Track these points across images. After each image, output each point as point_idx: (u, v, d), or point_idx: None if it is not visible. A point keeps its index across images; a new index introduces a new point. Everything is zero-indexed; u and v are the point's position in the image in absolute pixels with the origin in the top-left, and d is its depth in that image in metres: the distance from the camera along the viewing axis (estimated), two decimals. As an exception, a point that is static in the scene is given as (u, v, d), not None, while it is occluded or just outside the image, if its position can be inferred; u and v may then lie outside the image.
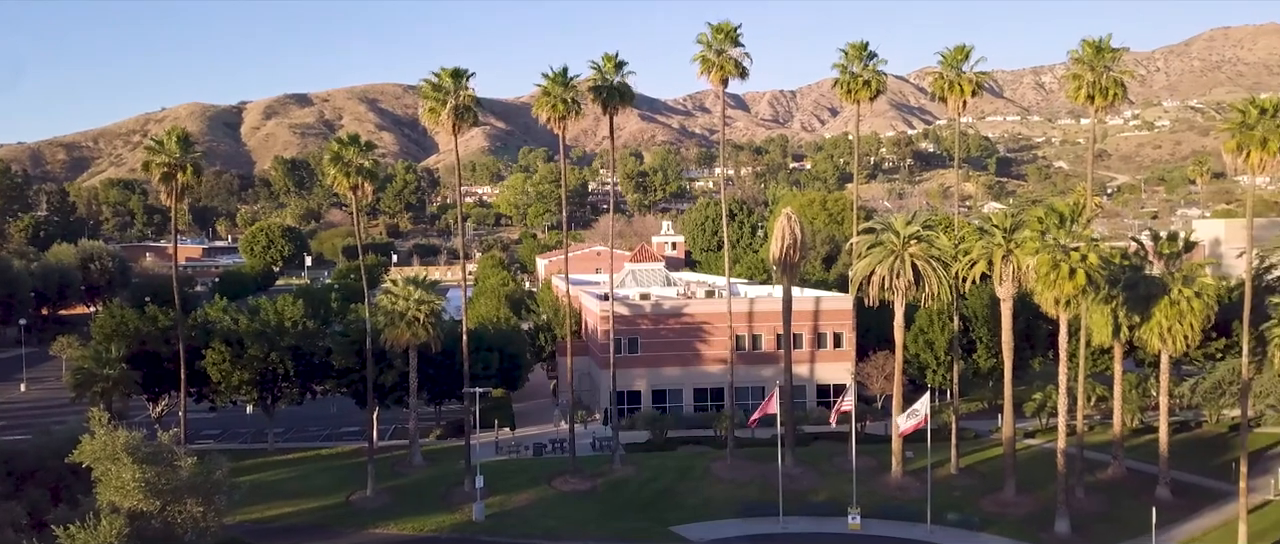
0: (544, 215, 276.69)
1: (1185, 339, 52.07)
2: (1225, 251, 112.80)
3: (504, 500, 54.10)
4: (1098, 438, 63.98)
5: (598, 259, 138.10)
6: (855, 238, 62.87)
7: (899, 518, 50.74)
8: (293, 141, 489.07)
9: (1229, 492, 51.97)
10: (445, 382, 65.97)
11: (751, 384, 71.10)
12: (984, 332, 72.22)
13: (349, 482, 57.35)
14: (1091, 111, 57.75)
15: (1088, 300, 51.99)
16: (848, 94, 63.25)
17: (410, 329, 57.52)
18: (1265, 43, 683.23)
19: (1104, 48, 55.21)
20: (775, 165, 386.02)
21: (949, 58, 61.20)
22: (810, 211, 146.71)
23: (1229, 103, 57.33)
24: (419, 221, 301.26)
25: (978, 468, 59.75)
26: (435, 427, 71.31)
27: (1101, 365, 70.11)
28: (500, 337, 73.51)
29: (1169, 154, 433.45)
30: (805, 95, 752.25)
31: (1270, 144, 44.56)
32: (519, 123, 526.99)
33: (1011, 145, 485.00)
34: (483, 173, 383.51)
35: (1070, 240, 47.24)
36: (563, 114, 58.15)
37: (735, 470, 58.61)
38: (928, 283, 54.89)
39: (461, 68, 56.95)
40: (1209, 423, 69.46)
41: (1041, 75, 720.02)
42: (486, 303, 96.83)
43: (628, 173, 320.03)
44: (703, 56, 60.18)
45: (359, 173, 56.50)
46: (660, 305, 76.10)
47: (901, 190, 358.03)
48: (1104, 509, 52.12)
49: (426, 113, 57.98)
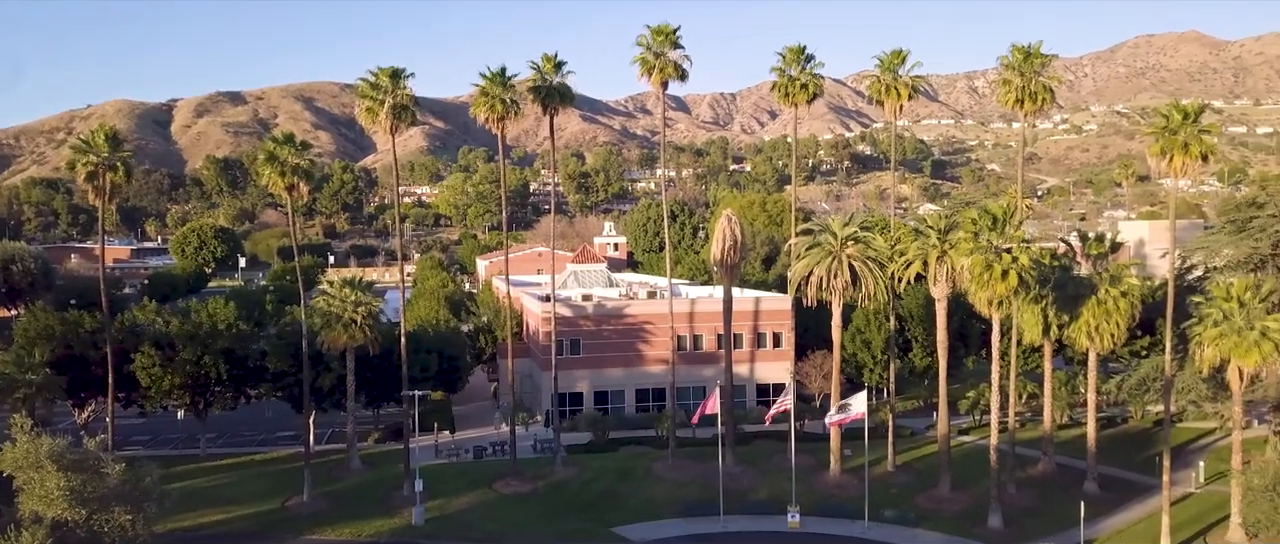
0: (484, 216, 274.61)
1: (1112, 337, 53.59)
2: (1149, 252, 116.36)
3: (444, 504, 53.60)
4: (1029, 434, 65.58)
5: (539, 260, 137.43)
6: (794, 239, 63.57)
7: (837, 515, 51.44)
8: (226, 140, 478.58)
9: (1153, 485, 53.63)
10: (383, 384, 65.14)
11: (693, 384, 71.48)
12: (919, 331, 73.58)
13: (285, 487, 56.30)
14: (1022, 116, 59.18)
15: (1019, 300, 53.24)
16: (786, 97, 63.95)
17: (347, 331, 56.70)
18: (1186, 51, 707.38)
19: (1033, 54, 56.62)
20: (716, 167, 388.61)
21: (886, 62, 62.24)
22: (750, 213, 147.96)
23: (1153, 108, 59.27)
24: (356, 222, 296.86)
25: (914, 465, 60.82)
26: (373, 430, 70.39)
27: (1032, 363, 71.91)
28: (440, 338, 72.81)
29: (1096, 157, 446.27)
30: (745, 98, 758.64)
31: (1192, 148, 46.10)
32: (458, 122, 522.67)
33: (946, 148, 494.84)
34: (422, 173, 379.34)
35: (1002, 242, 48.32)
36: (501, 114, 57.85)
37: (677, 470, 58.86)
38: (864, 283, 55.75)
39: (399, 67, 56.39)
40: (1134, 419, 71.63)
41: (975, 80, 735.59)
42: (426, 304, 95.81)
43: (569, 173, 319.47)
44: (642, 58, 60.33)
45: (295, 172, 55.52)
46: (602, 306, 76.10)
47: (839, 192, 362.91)
48: (1035, 504, 53.41)
49: (363, 112, 57.19)
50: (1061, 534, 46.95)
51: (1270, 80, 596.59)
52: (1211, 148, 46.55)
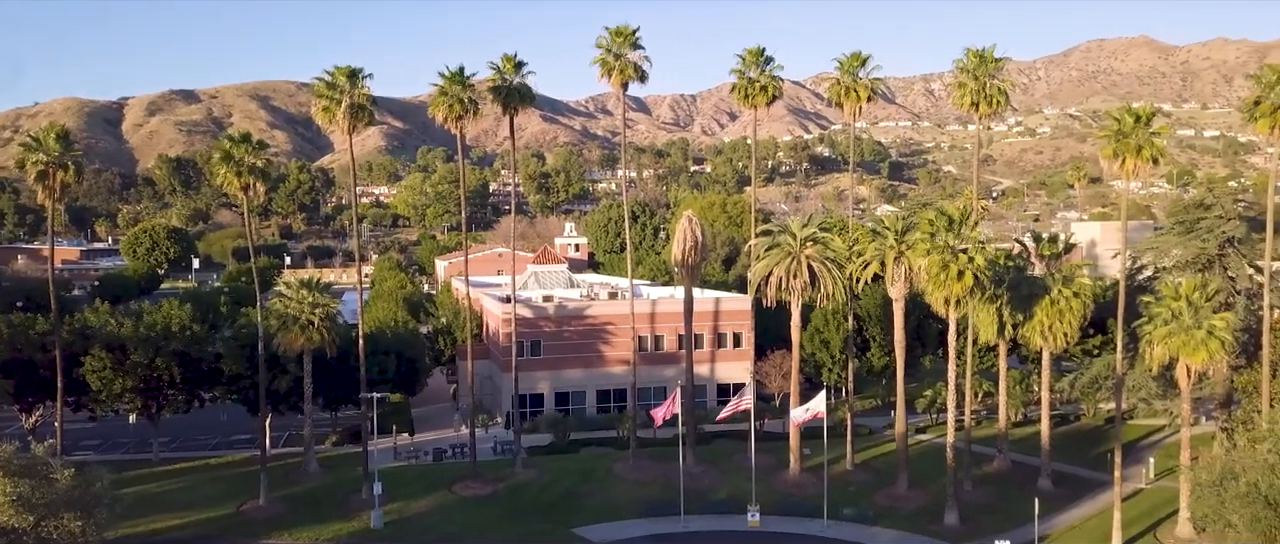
0: (443, 216, 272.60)
1: (1065, 336, 54.53)
2: (1101, 253, 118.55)
3: (403, 507, 53.16)
4: (985, 432, 66.51)
5: (499, 261, 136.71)
6: (754, 240, 63.93)
7: (797, 514, 51.81)
8: (178, 139, 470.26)
9: (1105, 481, 54.65)
10: (341, 387, 64.41)
11: (654, 384, 71.55)
12: (877, 331, 74.33)
13: (240, 491, 55.50)
14: (977, 118, 60.13)
15: (975, 300, 53.98)
16: (745, 99, 64.33)
17: (304, 333, 56.05)
18: (1137, 55, 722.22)
19: (987, 58, 57.53)
20: (677, 168, 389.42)
21: (846, 64, 62.87)
22: (710, 214, 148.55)
23: (1105, 111, 60.41)
24: (313, 223, 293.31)
25: (872, 463, 61.41)
26: (331, 433, 69.62)
27: (988, 362, 72.93)
28: (398, 340, 72.23)
29: (1050, 159, 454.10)
30: (705, 99, 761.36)
31: (1143, 151, 47.06)
32: (417, 122, 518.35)
33: (903, 150, 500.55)
34: (380, 173, 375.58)
35: (959, 243, 48.97)
36: (460, 114, 57.52)
37: (638, 471, 58.91)
38: (823, 283, 56.22)
39: (357, 67, 55.81)
40: (1087, 416, 72.94)
41: (931, 83, 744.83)
42: (384, 306, 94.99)
43: (530, 174, 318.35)
44: (602, 59, 60.37)
45: (251, 172, 54.76)
46: (563, 307, 75.95)
47: (798, 193, 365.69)
48: (990, 501, 54.19)
49: (320, 112, 56.54)
50: (1016, 530, 47.64)
51: (1217, 85, 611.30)
52: (1162, 151, 47.59)
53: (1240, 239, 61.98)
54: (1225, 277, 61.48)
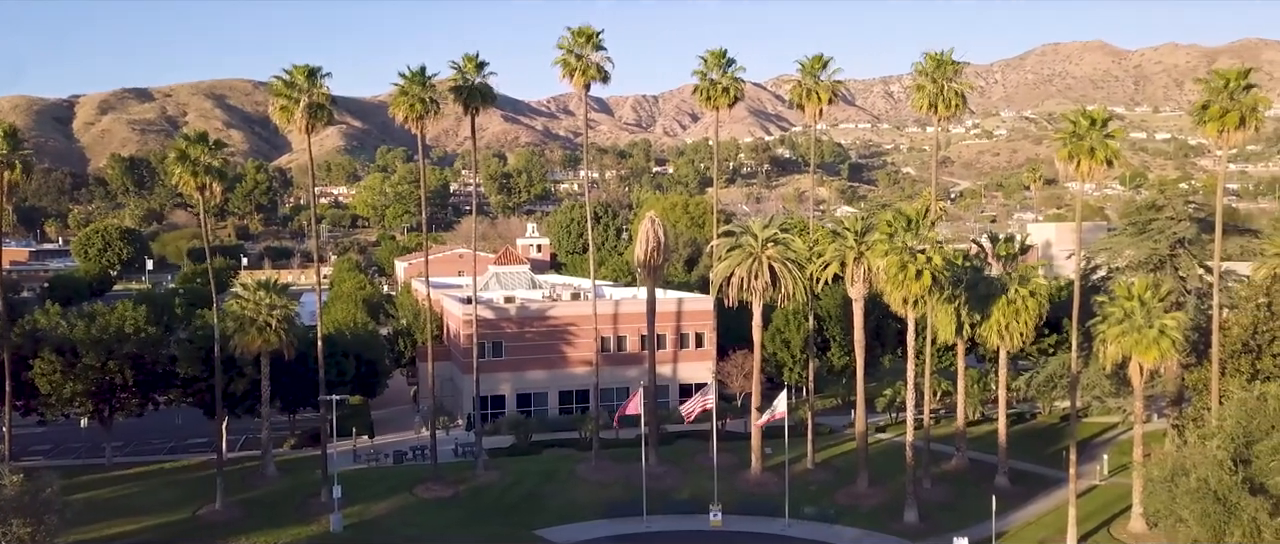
0: (403, 217, 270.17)
1: (1021, 336, 55.31)
2: (1056, 253, 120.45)
3: (363, 510, 52.64)
4: (943, 431, 67.26)
5: (460, 262, 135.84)
6: (715, 241, 64.14)
7: (758, 513, 52.05)
8: (132, 138, 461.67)
9: (1060, 478, 55.47)
10: (299, 389, 63.61)
11: (617, 385, 71.51)
12: (837, 330, 74.93)
13: (196, 496, 54.61)
14: (935, 120, 60.78)
15: (933, 300, 54.51)
16: (707, 100, 64.50)
17: (262, 335, 55.29)
18: (1091, 59, 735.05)
19: (945, 61, 58.19)
20: (639, 169, 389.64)
21: (807, 66, 63.26)
22: (673, 215, 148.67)
23: (1060, 114, 61.33)
24: (271, 223, 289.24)
25: (833, 462, 61.87)
26: (289, 436, 68.72)
27: (946, 361, 73.76)
28: (357, 342, 71.48)
29: (1006, 161, 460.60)
30: (667, 101, 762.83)
31: (1098, 153, 47.81)
32: (376, 122, 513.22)
33: (863, 152, 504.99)
34: (338, 173, 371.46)
35: (917, 243, 49.45)
36: (421, 114, 57.10)
37: (600, 472, 58.84)
38: (784, 284, 56.53)
39: (315, 65, 55.24)
40: (1043, 414, 74.07)
41: (891, 85, 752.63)
42: (343, 307, 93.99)
43: (491, 174, 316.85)
44: (564, 60, 60.22)
45: (207, 172, 53.83)
46: (525, 308, 75.66)
47: (759, 194, 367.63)
48: (949, 498, 54.84)
49: (278, 111, 55.81)
50: (974, 527, 48.23)
51: (1168, 89, 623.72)
52: (1116, 153, 48.37)
53: (1191, 240, 63.27)
54: (1176, 277, 62.72)
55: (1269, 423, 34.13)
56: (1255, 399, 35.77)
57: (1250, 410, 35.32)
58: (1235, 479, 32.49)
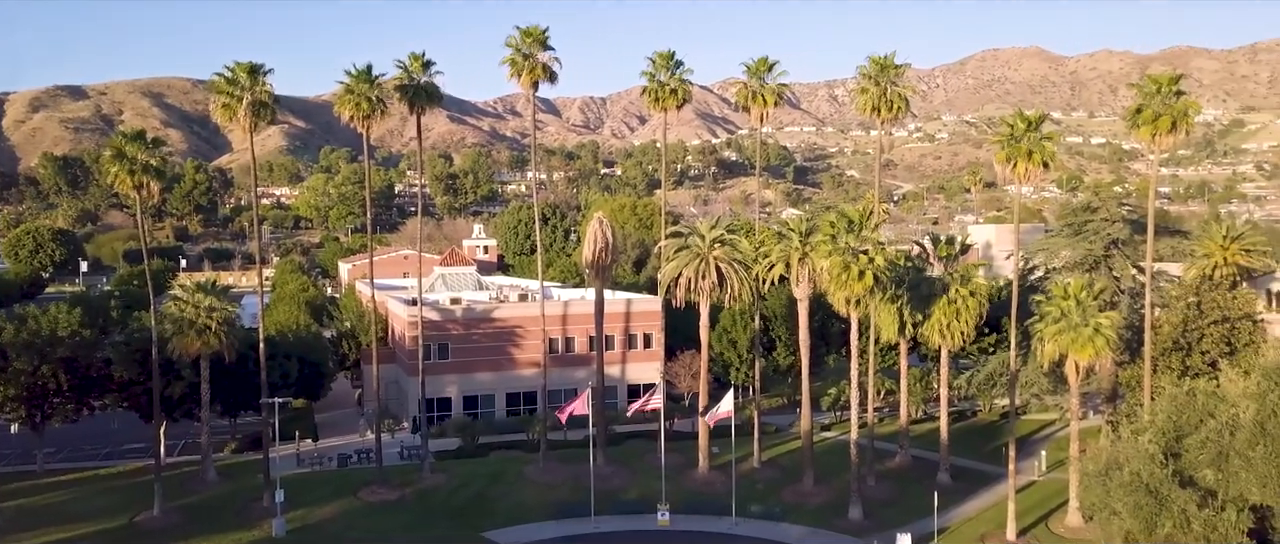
0: (347, 218, 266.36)
1: (962, 335, 56.36)
2: (996, 254, 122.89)
3: (306, 514, 51.88)
4: (886, 429, 68.28)
5: (405, 263, 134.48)
6: (664, 241, 64.38)
7: (706, 512, 52.34)
8: (64, 137, 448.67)
9: (1000, 474, 56.67)
10: (241, 392, 62.52)
11: (565, 387, 71.33)
12: (783, 330, 75.64)
13: (133, 502, 53.34)
14: (878, 123, 61.66)
15: (876, 300, 55.40)
16: (656, 101, 64.71)
17: (201, 337, 54.21)
18: (1029, 65, 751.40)
19: (888, 65, 59.08)
20: (587, 170, 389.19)
21: (753, 69, 63.80)
22: (621, 216, 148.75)
23: (999, 118, 62.62)
24: (211, 224, 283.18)
25: (779, 460, 62.45)
26: (230, 440, 67.47)
27: (889, 361, 74.94)
28: (300, 344, 70.46)
29: (948, 164, 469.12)
30: (615, 102, 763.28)
31: (1034, 155, 48.94)
32: (320, 122, 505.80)
33: (808, 155, 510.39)
34: (280, 173, 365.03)
35: (859, 244, 50.13)
36: (367, 113, 56.43)
37: (548, 473, 58.70)
38: (731, 284, 56.96)
39: (258, 62, 54.30)
40: (983, 412, 75.52)
41: (835, 89, 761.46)
42: (285, 309, 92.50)
43: (437, 175, 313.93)
44: (512, 59, 59.97)
45: (145, 171, 52.56)
46: (471, 310, 75.16)
47: (706, 196, 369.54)
48: (892, 495, 55.67)
49: (219, 109, 54.75)
50: (917, 523, 49.06)
51: (1103, 95, 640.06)
52: (1051, 155, 49.53)
53: (1124, 241, 65.04)
54: (1110, 276, 64.41)
55: (1198, 417, 35.26)
56: (1185, 395, 36.92)
57: (1180, 406, 36.45)
58: (1166, 472, 33.51)
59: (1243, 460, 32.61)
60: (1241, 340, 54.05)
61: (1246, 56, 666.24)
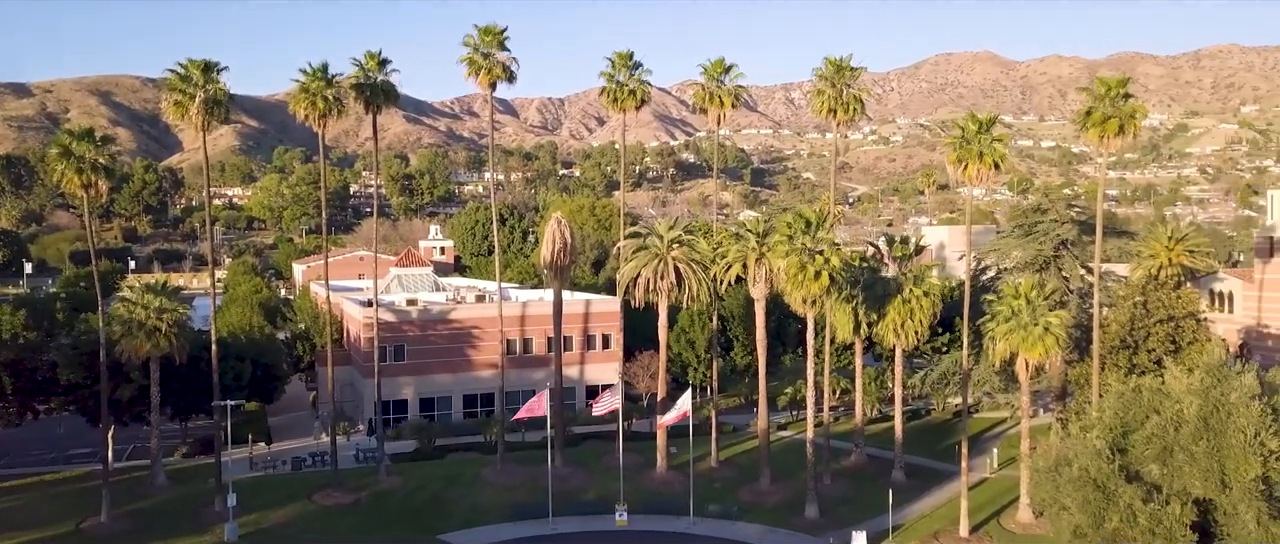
0: (302, 219, 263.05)
1: (916, 334, 57.09)
2: (949, 255, 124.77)
3: (259, 518, 51.16)
4: (842, 428, 68.97)
5: (361, 264, 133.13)
6: (622, 242, 64.46)
7: (664, 512, 52.48)
8: (7, 135, 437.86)
9: (953, 472, 57.52)
10: (192, 395, 61.49)
11: (523, 388, 71.08)
12: (740, 330, 76.12)
13: (81, 508, 52.20)
14: (834, 125, 62.29)
15: (831, 299, 55.95)
16: (614, 102, 64.75)
17: (151, 340, 53.22)
18: (981, 69, 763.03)
19: (844, 67, 59.73)
20: (545, 171, 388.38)
21: (710, 71, 64.09)
22: (579, 217, 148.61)
23: (952, 121, 63.59)
24: (161, 225, 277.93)
25: (736, 460, 62.79)
26: (181, 444, 66.33)
27: (845, 360, 75.70)
28: (254, 346, 69.50)
29: (902, 167, 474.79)
30: (573, 104, 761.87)
31: (985, 157, 49.72)
32: (274, 121, 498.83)
33: (765, 157, 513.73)
34: (233, 173, 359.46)
35: (816, 244, 50.59)
36: (323, 111, 55.79)
37: (505, 475, 58.49)
38: (689, 285, 57.21)
39: (212, 59, 53.43)
40: (937, 411, 76.56)
41: (791, 91, 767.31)
42: (238, 311, 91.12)
43: (393, 175, 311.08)
44: (470, 59, 59.67)
45: (93, 169, 51.42)
46: (428, 311, 74.64)
47: (665, 198, 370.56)
48: (848, 493, 56.24)
49: (171, 107, 53.72)
50: (872, 520, 49.64)
51: (1053, 99, 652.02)
52: (1002, 156, 50.34)
53: (1073, 242, 66.31)
54: (1060, 277, 65.64)
55: (1144, 414, 36.03)
56: (1131, 392, 37.70)
57: (1127, 403, 37.23)
58: (1113, 467, 34.21)
59: (1186, 455, 33.41)
60: (1186, 339, 55.36)
61: (1190, 63, 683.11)
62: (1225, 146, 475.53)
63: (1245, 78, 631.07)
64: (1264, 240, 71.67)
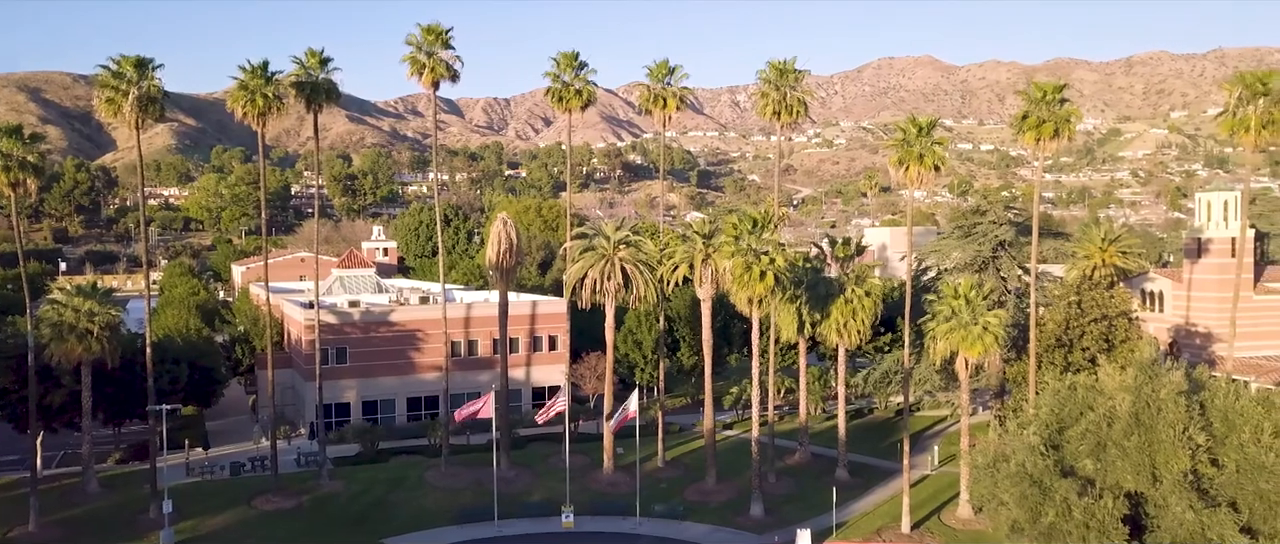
0: (241, 219, 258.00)
1: (858, 333, 57.84)
2: (891, 256, 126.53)
3: (197, 525, 50.05)
4: (787, 426, 69.58)
5: (302, 266, 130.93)
6: (569, 243, 64.32)
7: (610, 512, 52.45)
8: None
9: (895, 469, 58.34)
10: (126, 399, 59.85)
11: (468, 390, 70.41)
12: (687, 331, 76.39)
13: (8, 517, 50.51)
14: (778, 127, 62.84)
15: (776, 300, 56.41)
16: (560, 102, 64.63)
17: (82, 343, 51.73)
18: (922, 73, 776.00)
19: (788, 69, 60.29)
20: (491, 172, 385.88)
21: (655, 72, 64.30)
22: (526, 218, 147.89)
23: (894, 124, 64.52)
24: (93, 225, 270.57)
25: (683, 459, 62.99)
26: (114, 450, 64.56)
27: (789, 360, 76.35)
28: (191, 349, 67.92)
29: (845, 170, 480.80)
30: (520, 104, 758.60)
31: (926, 159, 50.52)
32: (211, 120, 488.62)
33: (711, 159, 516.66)
34: (169, 173, 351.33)
35: (761, 245, 50.96)
36: (262, 110, 54.69)
37: (450, 478, 57.96)
38: (636, 285, 57.27)
39: (146, 56, 52.11)
40: (879, 409, 77.63)
41: (737, 94, 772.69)
42: (175, 313, 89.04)
43: (335, 175, 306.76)
44: (413, 57, 59.08)
45: (22, 167, 49.78)
46: (371, 313, 73.66)
47: (612, 199, 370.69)
48: (793, 492, 56.74)
49: (103, 103, 52.28)
50: (816, 518, 50.13)
51: (991, 103, 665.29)
52: (941, 158, 51.20)
53: (1010, 243, 67.81)
54: (998, 277, 67.06)
55: (1078, 410, 36.91)
56: (1067, 389, 38.59)
57: (1062, 400, 38.10)
58: (1048, 463, 34.98)
59: (1119, 450, 34.29)
60: (1119, 337, 56.84)
61: (1123, 69, 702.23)
62: (1156, 151, 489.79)
63: (1175, 84, 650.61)
64: (1192, 241, 73.90)
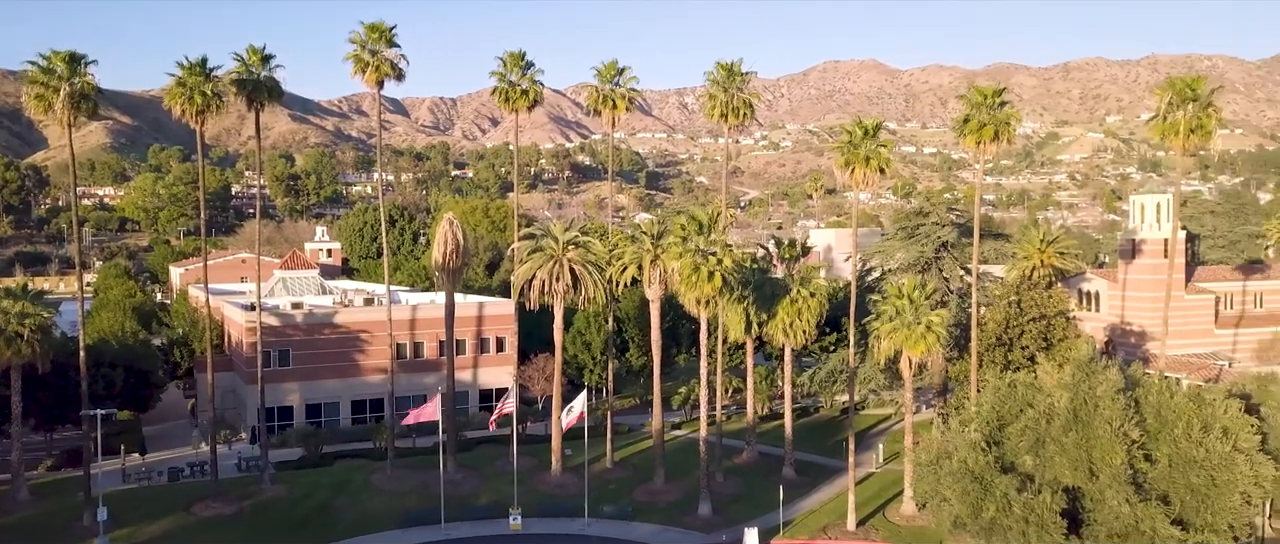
0: (179, 220, 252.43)
1: (804, 333, 58.33)
2: (836, 257, 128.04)
3: (134, 532, 48.77)
4: (734, 426, 69.94)
5: (243, 267, 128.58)
6: (517, 244, 63.96)
7: (558, 514, 52.25)
8: None
9: (841, 467, 58.95)
10: (58, 405, 58.23)
11: (414, 392, 69.69)
12: (635, 332, 76.50)
13: (-68, 527, 48.88)
14: (725, 129, 63.19)
15: (724, 300, 56.67)
16: (506, 102, 64.25)
17: (11, 346, 50.14)
18: (866, 77, 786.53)
19: (735, 71, 60.66)
20: (437, 172, 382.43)
21: (603, 73, 64.23)
22: (473, 219, 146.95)
23: (839, 126, 65.20)
24: (23, 226, 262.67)
25: (631, 460, 62.99)
26: (46, 457, 62.71)
27: (737, 360, 76.82)
28: (127, 352, 66.34)
29: (791, 172, 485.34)
30: (466, 104, 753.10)
31: (871, 161, 51.12)
32: (148, 119, 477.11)
33: (659, 161, 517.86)
34: (104, 172, 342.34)
35: (709, 246, 51.20)
36: (201, 108, 53.41)
37: (396, 481, 57.28)
38: (584, 286, 57.13)
39: (79, 52, 50.69)
40: (825, 408, 78.43)
41: (685, 96, 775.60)
42: (110, 316, 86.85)
43: (277, 175, 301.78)
44: (356, 56, 58.24)
45: (-55, 165, 48.30)
46: (314, 315, 72.55)
47: (560, 200, 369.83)
48: (740, 490, 57.05)
49: (33, 100, 50.70)
50: (764, 517, 50.44)
51: (934, 107, 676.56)
52: (886, 161, 51.85)
53: (953, 244, 68.98)
54: (940, 277, 68.17)
55: (1018, 407, 37.71)
56: (1007, 387, 39.41)
57: (1002, 397, 38.91)
58: (989, 459, 35.68)
59: (1057, 446, 35.09)
60: (1057, 336, 58.10)
61: (1061, 74, 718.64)
62: (1092, 154, 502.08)
63: (1110, 89, 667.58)
64: (1127, 243, 75.90)
